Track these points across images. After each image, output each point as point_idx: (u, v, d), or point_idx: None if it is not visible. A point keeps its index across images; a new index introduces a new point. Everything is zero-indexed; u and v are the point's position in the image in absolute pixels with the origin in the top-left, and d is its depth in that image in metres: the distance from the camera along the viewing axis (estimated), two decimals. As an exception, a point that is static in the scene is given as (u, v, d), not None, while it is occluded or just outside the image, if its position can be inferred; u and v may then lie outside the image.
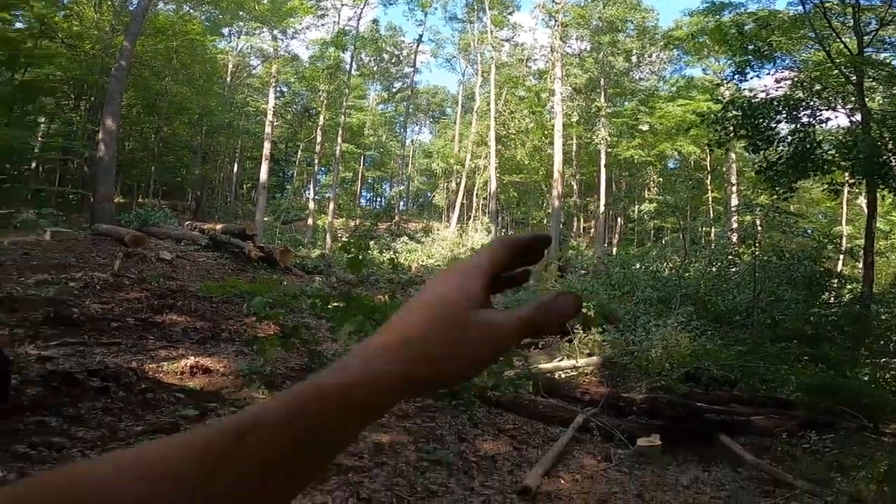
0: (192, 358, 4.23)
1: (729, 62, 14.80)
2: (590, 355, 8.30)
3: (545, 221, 26.15)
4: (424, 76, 77.42)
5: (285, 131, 30.73)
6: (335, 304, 5.18)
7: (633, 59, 26.97)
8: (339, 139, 27.09)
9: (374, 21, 33.44)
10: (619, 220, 31.22)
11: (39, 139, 19.61)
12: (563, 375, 7.60)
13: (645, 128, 26.13)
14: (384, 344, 0.34)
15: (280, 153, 32.85)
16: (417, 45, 33.47)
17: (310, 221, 25.73)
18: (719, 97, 11.48)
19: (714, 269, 13.24)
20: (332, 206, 26.28)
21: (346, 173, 34.52)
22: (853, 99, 10.58)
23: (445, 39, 37.10)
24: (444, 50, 35.71)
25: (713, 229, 23.01)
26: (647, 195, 29.34)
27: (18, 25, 16.59)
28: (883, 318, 11.05)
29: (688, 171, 28.05)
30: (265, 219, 23.04)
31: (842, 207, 24.63)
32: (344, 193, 33.50)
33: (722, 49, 15.03)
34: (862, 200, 22.94)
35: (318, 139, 26.92)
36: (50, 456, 2.33)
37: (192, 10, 21.76)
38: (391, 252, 20.76)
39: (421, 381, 0.34)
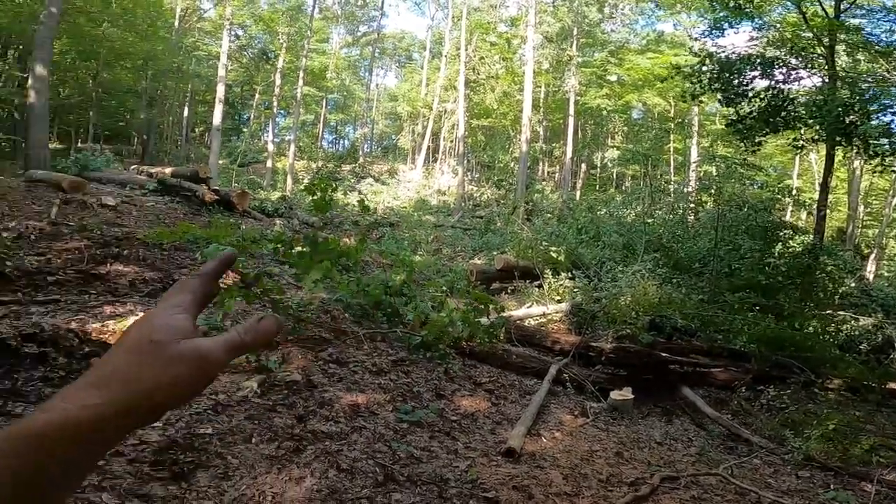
0: (141, 314, 3.86)
1: (701, 18, 14.70)
2: (559, 301, 8.31)
3: (512, 165, 26.06)
4: (392, 20, 73.81)
5: (241, 75, 28.89)
6: (300, 248, 4.86)
7: (606, 10, 26.77)
8: (300, 82, 25.69)
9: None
10: (583, 165, 31.48)
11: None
12: (532, 322, 7.59)
13: (613, 78, 26.46)
14: (87, 383, 0.36)
15: (235, 96, 30.93)
16: (385, -12, 31.48)
17: (269, 164, 24.66)
18: (697, 52, 11.50)
19: (676, 216, 13.50)
20: (292, 147, 25.16)
21: (308, 116, 32.98)
22: (821, 61, 10.80)
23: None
24: (414, -7, 33.78)
25: (673, 178, 23.49)
26: (610, 143, 29.62)
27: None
28: (829, 269, 11.61)
29: (651, 121, 28.42)
30: (220, 161, 21.86)
31: (794, 162, 25.49)
32: (305, 136, 32.14)
33: (696, 4, 14.85)
34: (813, 157, 23.82)
35: (277, 82, 25.46)
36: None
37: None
38: (358, 193, 20.29)
39: (131, 410, 0.36)
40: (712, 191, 14.03)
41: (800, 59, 10.91)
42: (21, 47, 18.92)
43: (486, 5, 27.76)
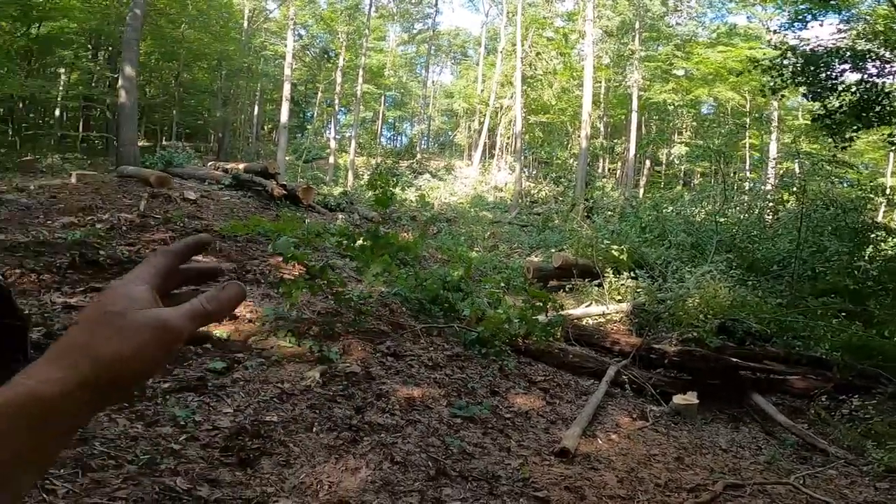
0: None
1: (779, 10, 13.77)
2: (619, 301, 8.07)
3: (571, 161, 25.50)
4: (446, 17, 73.47)
5: (304, 73, 30.11)
6: (362, 242, 4.97)
7: (671, 2, 25.62)
8: (360, 80, 26.45)
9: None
10: (646, 162, 30.28)
11: (60, 89, 19.79)
12: (591, 322, 7.42)
13: (680, 73, 25.35)
14: (47, 359, 0.36)
15: (300, 95, 32.29)
16: (439, -15, 31.68)
17: (331, 160, 25.57)
18: (777, 45, 10.81)
19: (752, 215, 12.71)
20: (353, 144, 25.95)
21: (367, 113, 33.82)
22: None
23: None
24: (468, -11, 33.90)
25: (748, 175, 22.08)
26: (677, 139, 28.32)
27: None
28: (926, 274, 10.54)
29: (723, 116, 26.91)
30: (287, 158, 22.90)
31: (887, 159, 23.30)
32: (364, 132, 32.99)
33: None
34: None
35: (338, 80, 26.39)
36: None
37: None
38: (416, 189, 20.59)
39: (92, 383, 0.35)
40: (795, 189, 13.09)
41: (894, 52, 10.03)
42: (111, 49, 20.51)
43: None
